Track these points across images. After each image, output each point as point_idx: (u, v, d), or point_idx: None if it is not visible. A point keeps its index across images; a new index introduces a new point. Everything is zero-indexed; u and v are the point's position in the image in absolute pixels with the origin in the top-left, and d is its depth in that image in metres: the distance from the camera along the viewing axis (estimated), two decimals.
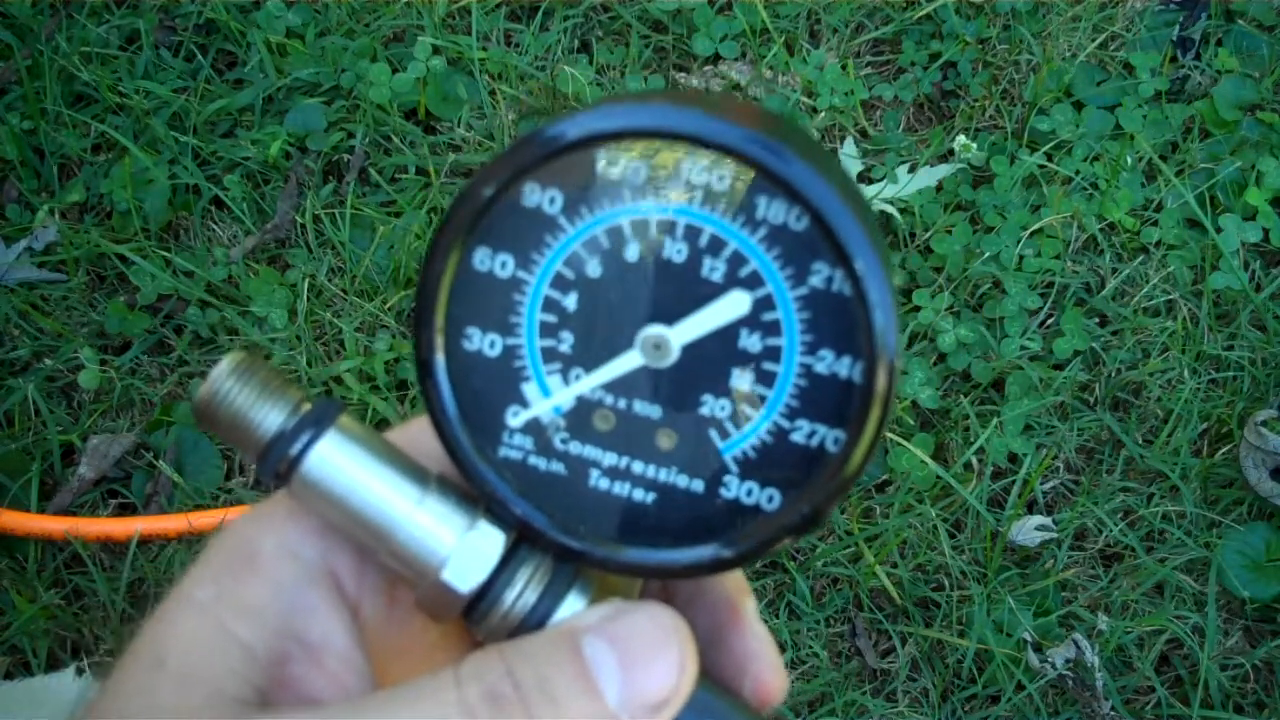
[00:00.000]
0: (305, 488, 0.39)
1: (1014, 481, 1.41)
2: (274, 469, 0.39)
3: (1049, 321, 1.51)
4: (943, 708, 1.33)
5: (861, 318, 0.38)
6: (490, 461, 0.41)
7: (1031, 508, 1.42)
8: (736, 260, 0.39)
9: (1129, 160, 1.57)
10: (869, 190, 1.55)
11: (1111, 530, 1.39)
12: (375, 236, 1.51)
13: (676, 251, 0.39)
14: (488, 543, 0.39)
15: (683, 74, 1.65)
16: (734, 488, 0.40)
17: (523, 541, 0.40)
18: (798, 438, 0.40)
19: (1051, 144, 1.58)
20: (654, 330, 0.39)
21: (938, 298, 1.48)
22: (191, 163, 1.59)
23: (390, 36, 1.69)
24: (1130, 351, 1.47)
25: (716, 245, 0.39)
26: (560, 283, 0.40)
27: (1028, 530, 1.39)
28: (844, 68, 1.64)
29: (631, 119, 0.38)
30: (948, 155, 1.60)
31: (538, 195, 0.39)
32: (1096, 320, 1.51)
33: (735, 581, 0.43)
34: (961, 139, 1.57)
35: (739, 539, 0.40)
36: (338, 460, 0.39)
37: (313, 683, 0.39)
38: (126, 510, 1.43)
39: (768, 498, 0.40)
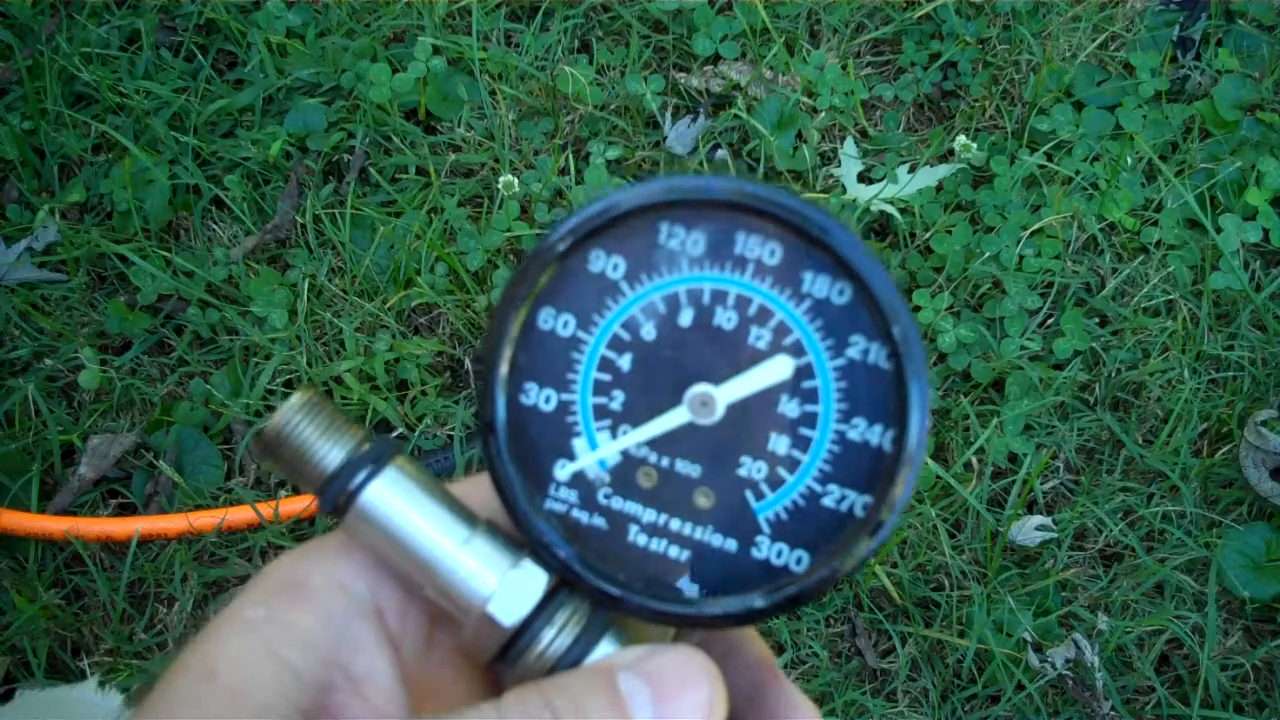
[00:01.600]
0: (360, 521, 0.41)
1: (1014, 481, 1.41)
2: (333, 502, 0.41)
3: (1049, 321, 1.51)
4: (943, 708, 1.33)
5: (896, 389, 0.41)
6: (538, 510, 0.43)
7: (1031, 508, 1.42)
8: (781, 330, 0.42)
9: (1129, 160, 1.57)
10: (869, 191, 1.55)
11: (1111, 530, 1.39)
12: (375, 236, 1.51)
13: (727, 319, 0.42)
14: (531, 581, 0.41)
15: (683, 74, 1.65)
16: (765, 548, 0.43)
17: (563, 586, 0.42)
18: (829, 502, 0.42)
19: (1051, 144, 1.58)
20: (701, 388, 0.42)
21: (938, 298, 1.48)
22: (192, 163, 1.59)
23: (390, 36, 1.69)
24: (1130, 351, 1.47)
25: (764, 315, 0.42)
26: (616, 343, 0.43)
27: (1028, 530, 1.39)
28: (844, 68, 1.64)
29: (695, 191, 0.41)
30: (948, 155, 1.60)
31: (603, 261, 0.43)
32: (1096, 320, 1.51)
33: (764, 646, 0.45)
34: (961, 139, 1.57)
35: (770, 592, 0.42)
36: (392, 497, 0.41)
37: (354, 712, 0.40)
38: (126, 510, 1.43)
39: (797, 559, 0.43)
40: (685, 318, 0.42)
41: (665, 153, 1.59)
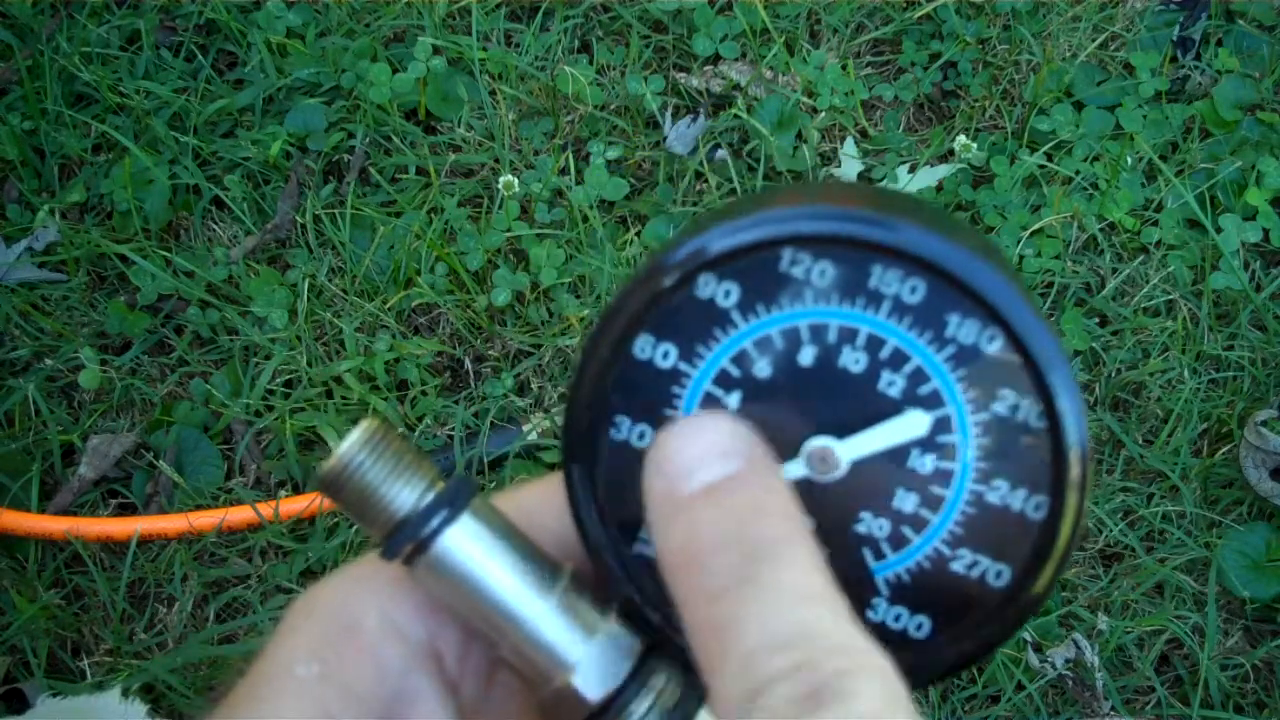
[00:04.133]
0: (432, 574, 0.37)
1: None
2: (400, 551, 0.37)
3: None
4: (943, 708, 1.33)
5: (1052, 454, 0.36)
6: (625, 559, 0.39)
7: None
8: (918, 377, 0.37)
9: (1129, 160, 1.57)
10: None
11: (1111, 530, 1.39)
12: (375, 236, 1.51)
13: (854, 361, 0.37)
14: (620, 649, 0.37)
15: (683, 74, 1.65)
16: (881, 610, 0.39)
17: (655, 649, 0.38)
18: (958, 567, 0.38)
19: (1051, 144, 1.58)
20: (821, 442, 0.37)
21: None
22: (192, 163, 1.59)
23: (390, 36, 1.69)
24: (1130, 351, 1.47)
25: (899, 359, 0.37)
26: (724, 380, 0.38)
27: None
28: (844, 68, 1.64)
29: (824, 225, 0.36)
30: (948, 155, 1.60)
31: (713, 286, 0.37)
32: (1096, 320, 1.51)
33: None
34: (961, 139, 1.57)
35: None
36: (469, 547, 0.37)
37: None
38: (126, 510, 1.43)
39: (916, 625, 0.38)
40: (806, 356, 0.37)
41: (665, 153, 1.59)
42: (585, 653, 0.37)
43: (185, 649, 1.34)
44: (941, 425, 0.37)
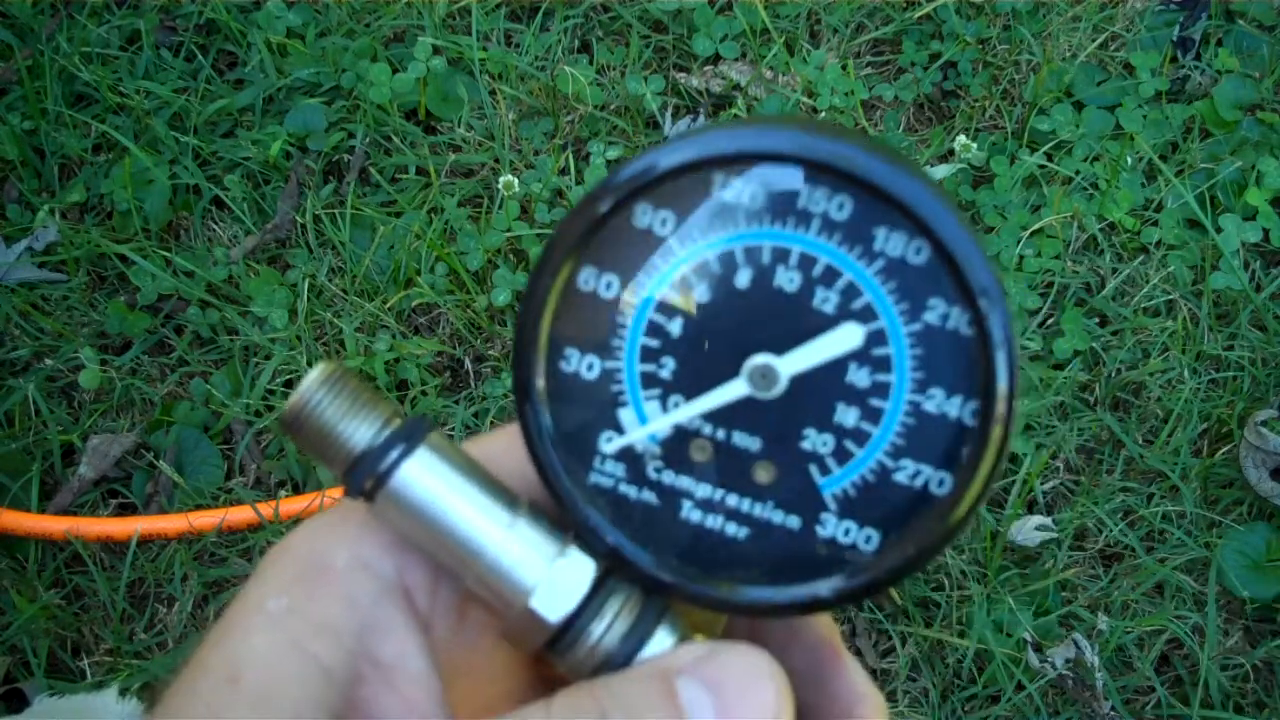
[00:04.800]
0: (391, 506, 0.38)
1: (1014, 481, 1.41)
2: (360, 485, 0.38)
3: (1049, 321, 1.51)
4: (943, 708, 1.33)
5: (982, 358, 0.37)
6: (581, 486, 0.40)
7: (1031, 508, 1.42)
8: (850, 292, 0.38)
9: (1129, 160, 1.57)
10: None
11: (1111, 530, 1.39)
12: (375, 236, 1.51)
13: (789, 280, 0.38)
14: (577, 572, 0.38)
15: (683, 74, 1.65)
16: (831, 525, 0.39)
17: (612, 572, 0.39)
18: (901, 478, 0.39)
19: (1051, 144, 1.58)
20: (762, 359, 0.38)
21: None
22: (192, 163, 1.59)
23: (390, 36, 1.69)
24: (1130, 351, 1.47)
25: (831, 276, 0.38)
26: (666, 307, 0.39)
27: (1028, 530, 1.39)
28: (844, 68, 1.64)
29: (752, 142, 0.37)
30: (948, 155, 1.60)
31: (649, 216, 0.38)
32: (1096, 320, 1.51)
33: (827, 622, 0.42)
34: (961, 139, 1.57)
35: (836, 580, 0.39)
36: (427, 480, 0.38)
37: (385, 705, 0.37)
38: (126, 510, 1.43)
39: (865, 537, 0.39)
40: (743, 278, 0.38)
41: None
42: (544, 577, 0.38)
43: (185, 649, 1.34)
44: (876, 338, 0.38)
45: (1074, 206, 1.53)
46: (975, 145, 1.57)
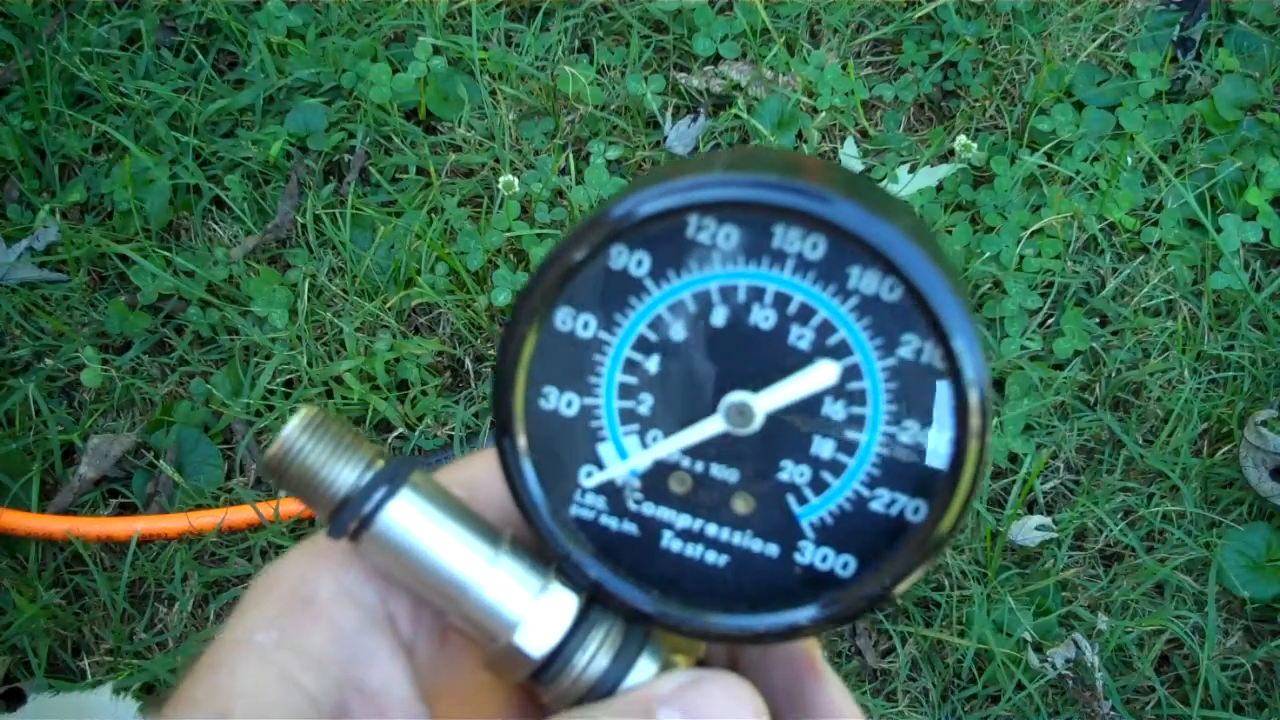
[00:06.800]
0: (376, 547, 0.39)
1: (1014, 481, 1.41)
2: (344, 528, 0.39)
3: (1049, 321, 1.51)
4: (943, 708, 1.33)
5: (955, 394, 0.37)
6: (562, 520, 0.41)
7: (1031, 508, 1.42)
8: (825, 329, 0.38)
9: (1129, 160, 1.57)
10: None
11: (1111, 530, 1.39)
12: (376, 236, 1.51)
13: (764, 318, 0.39)
14: (560, 607, 0.39)
15: (683, 74, 1.65)
16: (809, 553, 0.40)
17: (594, 602, 0.40)
18: (877, 506, 0.39)
19: (1052, 144, 1.58)
20: (738, 397, 0.39)
21: None
22: (192, 163, 1.59)
23: (391, 36, 1.69)
24: (1130, 351, 1.47)
25: (805, 313, 0.38)
26: (643, 345, 0.40)
27: (1028, 530, 1.39)
28: (844, 68, 1.64)
29: (730, 192, 0.37)
30: (948, 155, 1.60)
31: (625, 257, 0.39)
32: (1097, 320, 1.51)
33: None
34: (962, 139, 1.57)
35: (816, 607, 0.40)
36: (410, 521, 0.39)
37: None
38: (127, 510, 1.43)
39: (843, 564, 0.40)
40: (718, 317, 0.39)
41: (666, 153, 1.60)
42: (526, 612, 0.39)
43: (185, 649, 1.34)
44: (851, 373, 0.38)
45: (1074, 206, 1.53)
46: (975, 145, 1.56)
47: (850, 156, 1.59)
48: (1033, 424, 1.44)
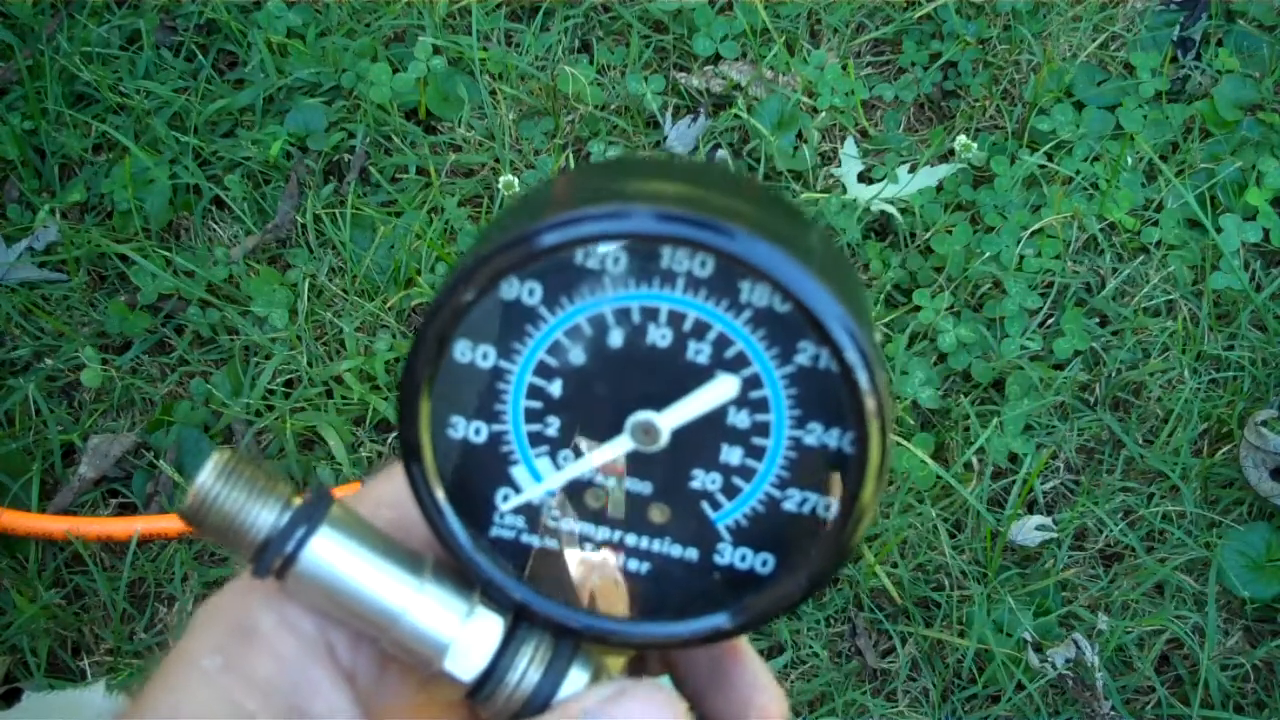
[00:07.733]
0: (301, 584, 0.39)
1: (1014, 481, 1.41)
2: (269, 568, 0.39)
3: (1049, 321, 1.51)
4: (943, 708, 1.33)
5: (850, 401, 0.38)
6: (482, 544, 0.41)
7: (1031, 508, 1.42)
8: (722, 342, 0.39)
9: (1129, 160, 1.57)
10: (869, 191, 1.55)
11: (1111, 530, 1.39)
12: (376, 236, 1.51)
13: (661, 336, 0.39)
14: (486, 630, 0.40)
15: (683, 74, 1.65)
16: (728, 554, 0.41)
17: (521, 620, 0.41)
18: (790, 506, 0.40)
19: (1052, 144, 1.58)
20: (642, 416, 0.39)
21: (938, 298, 1.48)
22: (192, 163, 1.59)
23: (391, 36, 1.69)
24: (1130, 351, 1.47)
25: (701, 329, 0.39)
26: (544, 370, 0.40)
27: (1028, 530, 1.39)
28: (844, 68, 1.64)
29: (615, 226, 0.37)
30: (948, 155, 1.60)
31: (516, 288, 0.39)
32: (1097, 320, 1.51)
33: None
34: (962, 139, 1.57)
35: (737, 609, 0.41)
36: (332, 556, 0.39)
37: None
38: (127, 510, 1.43)
39: (761, 562, 0.41)
40: (616, 338, 0.39)
41: (666, 153, 1.60)
42: (455, 637, 0.39)
43: None
44: (751, 383, 0.39)
45: (1074, 206, 1.53)
46: (975, 145, 1.57)
47: (850, 156, 1.59)
48: (1033, 424, 1.44)
